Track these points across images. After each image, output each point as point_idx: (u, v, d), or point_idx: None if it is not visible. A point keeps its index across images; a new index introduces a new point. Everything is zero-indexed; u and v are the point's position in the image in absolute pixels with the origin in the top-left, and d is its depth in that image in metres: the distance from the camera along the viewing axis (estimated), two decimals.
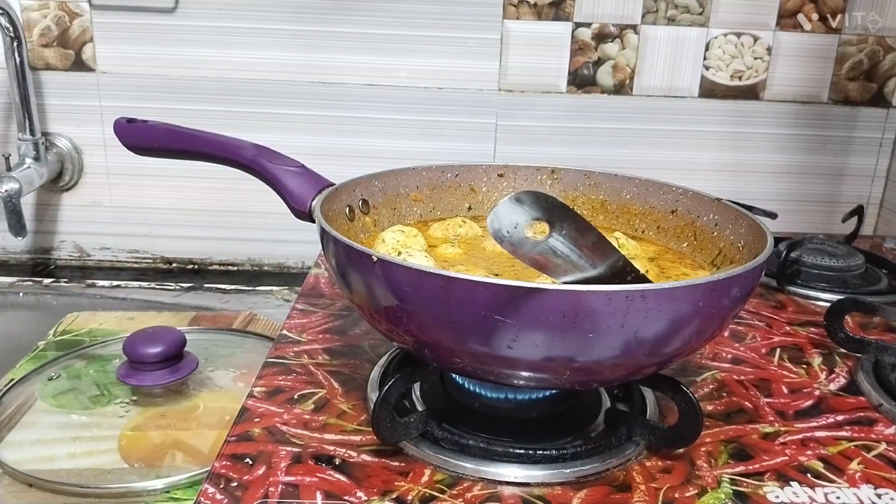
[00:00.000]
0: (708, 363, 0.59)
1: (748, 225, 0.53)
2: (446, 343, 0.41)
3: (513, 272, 0.52)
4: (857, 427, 0.51)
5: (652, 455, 0.46)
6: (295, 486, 0.42)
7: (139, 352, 0.68)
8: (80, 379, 0.70)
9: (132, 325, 0.80)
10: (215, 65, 0.93)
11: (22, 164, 0.91)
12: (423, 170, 0.64)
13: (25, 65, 0.88)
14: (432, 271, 0.39)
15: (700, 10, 0.93)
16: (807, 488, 0.44)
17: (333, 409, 0.51)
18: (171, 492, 0.56)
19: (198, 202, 0.98)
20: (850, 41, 0.95)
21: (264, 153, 0.56)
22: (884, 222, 1.02)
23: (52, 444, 0.61)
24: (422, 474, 0.44)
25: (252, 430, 0.48)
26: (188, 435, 0.62)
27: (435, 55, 0.93)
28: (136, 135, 0.61)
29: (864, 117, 0.98)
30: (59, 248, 1.01)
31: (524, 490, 0.43)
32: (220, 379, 0.71)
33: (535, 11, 0.92)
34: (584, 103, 0.96)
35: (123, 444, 0.61)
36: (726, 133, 0.98)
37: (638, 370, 0.44)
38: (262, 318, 0.84)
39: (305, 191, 0.54)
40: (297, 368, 0.56)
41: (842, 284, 0.76)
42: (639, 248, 0.58)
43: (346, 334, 0.62)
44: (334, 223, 0.52)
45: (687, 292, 0.39)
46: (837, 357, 0.61)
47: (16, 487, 0.56)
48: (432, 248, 0.57)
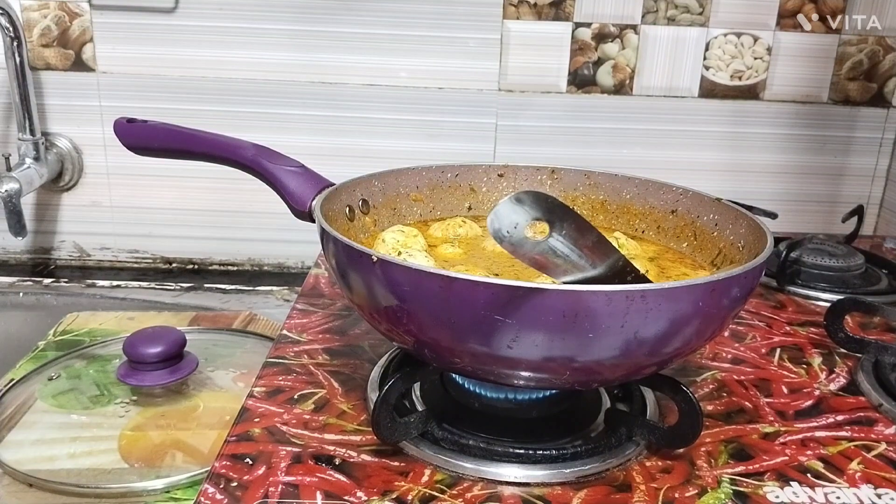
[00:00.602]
0: (708, 363, 0.59)
1: (748, 225, 0.53)
2: (446, 343, 0.41)
3: (513, 272, 0.52)
4: (857, 427, 0.51)
5: (652, 455, 0.46)
6: (295, 486, 0.42)
7: (139, 352, 0.68)
8: (80, 379, 0.70)
9: (132, 325, 0.80)
10: (215, 65, 0.93)
11: (22, 164, 0.91)
12: (423, 170, 0.64)
13: (25, 65, 0.88)
14: (432, 271, 0.39)
15: (700, 10, 0.93)
16: (807, 488, 0.44)
17: (333, 409, 0.51)
18: (171, 492, 0.56)
19: (198, 202, 0.99)
20: (850, 41, 0.95)
21: (264, 153, 0.56)
22: (884, 222, 1.02)
23: (52, 444, 0.61)
24: (422, 474, 0.44)
25: (252, 430, 0.48)
26: (188, 435, 0.62)
27: (435, 55, 0.93)
28: (136, 135, 0.61)
29: (864, 117, 0.98)
30: (59, 248, 1.01)
31: (524, 490, 0.43)
32: (220, 379, 0.71)
33: (535, 11, 0.92)
34: (584, 103, 0.96)
35: (123, 444, 0.61)
36: (726, 133, 0.98)
37: (638, 370, 0.44)
38: (262, 318, 0.84)
39: (305, 191, 0.54)
40: (297, 368, 0.56)
41: (842, 284, 0.76)
42: (639, 248, 0.58)
43: (346, 334, 0.62)
44: (334, 223, 0.52)
45: (687, 292, 0.39)
46: (837, 357, 0.61)
47: (16, 487, 0.56)
48: (432, 248, 0.57)
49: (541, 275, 0.39)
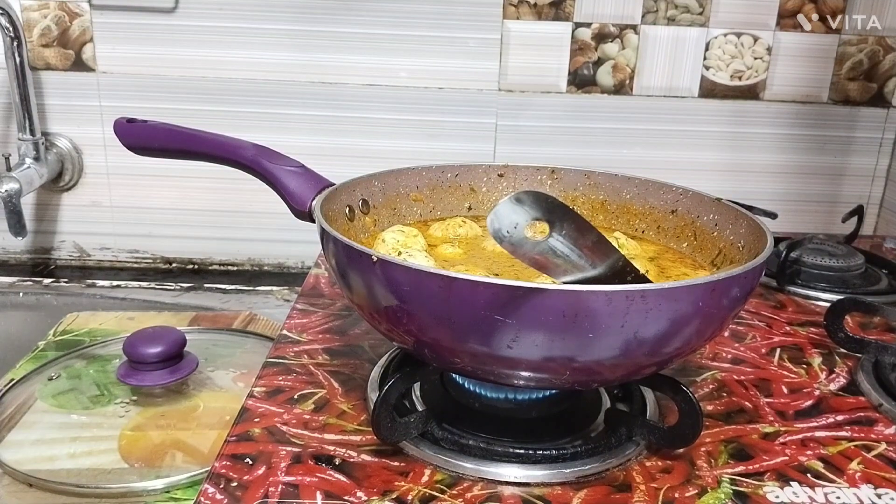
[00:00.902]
0: (708, 363, 0.59)
1: (748, 225, 0.53)
2: (446, 343, 0.41)
3: (513, 272, 0.52)
4: (857, 427, 0.51)
5: (652, 455, 0.46)
6: (295, 486, 0.42)
7: (139, 352, 0.68)
8: (80, 379, 0.70)
9: (132, 325, 0.80)
10: (215, 65, 0.93)
11: (22, 164, 0.91)
12: (423, 170, 0.64)
13: (25, 65, 0.88)
14: (432, 271, 0.39)
15: (700, 10, 0.93)
16: (807, 488, 0.44)
17: (333, 409, 0.51)
18: (171, 492, 0.56)
19: (198, 202, 0.99)
20: (850, 41, 0.95)
21: (264, 153, 0.56)
22: (884, 222, 1.02)
23: (52, 444, 0.61)
24: (422, 474, 0.44)
25: (252, 430, 0.48)
26: (188, 435, 0.62)
27: (435, 55, 0.93)
28: (136, 135, 0.61)
29: (864, 117, 0.98)
30: (59, 248, 1.01)
31: (524, 490, 0.43)
32: (220, 379, 0.71)
33: (535, 11, 0.92)
34: (584, 103, 0.96)
35: (123, 444, 0.61)
36: (726, 133, 0.98)
37: (638, 370, 0.44)
38: (262, 318, 0.84)
39: (305, 191, 0.54)
40: (297, 368, 0.56)
41: (842, 284, 0.76)
42: (639, 247, 0.58)
43: (346, 334, 0.62)
44: (334, 223, 0.52)
45: (687, 292, 0.39)
46: (837, 357, 0.61)
47: (16, 487, 0.56)
48: (432, 247, 0.57)
49: (541, 275, 0.39)
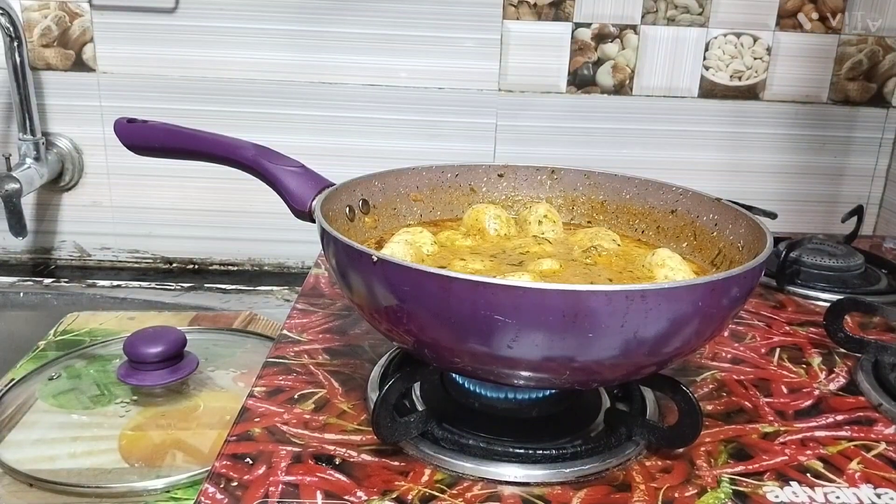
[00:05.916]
0: (708, 363, 0.59)
1: (748, 225, 0.53)
2: (446, 343, 0.41)
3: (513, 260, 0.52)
4: (856, 427, 0.51)
5: (652, 455, 0.46)
6: (295, 486, 0.43)
7: (139, 352, 0.68)
8: (80, 379, 0.70)
9: (132, 325, 0.81)
10: (215, 65, 0.93)
11: (22, 164, 0.91)
12: (423, 170, 0.64)
13: (26, 65, 0.88)
14: (432, 271, 0.39)
15: (700, 10, 0.93)
16: (806, 488, 0.44)
17: (333, 408, 0.51)
18: (171, 491, 0.56)
19: (198, 202, 0.99)
20: (849, 41, 0.95)
21: (264, 153, 0.56)
22: (883, 222, 1.02)
23: (53, 444, 0.61)
24: (422, 474, 0.44)
25: (252, 429, 0.48)
26: (188, 435, 0.62)
27: (435, 55, 0.93)
28: (137, 135, 0.61)
29: (864, 117, 0.98)
30: (60, 248, 1.01)
31: (524, 490, 0.43)
32: (220, 379, 0.71)
33: (534, 12, 0.92)
34: (583, 103, 0.96)
35: (124, 444, 0.61)
36: (726, 133, 0.98)
37: (638, 370, 0.44)
38: (262, 318, 0.84)
39: (305, 191, 0.54)
40: (298, 368, 0.56)
41: (841, 284, 0.76)
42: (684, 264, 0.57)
43: (346, 334, 0.62)
44: (334, 223, 0.52)
45: (687, 292, 0.39)
46: (837, 357, 0.61)
47: (16, 487, 0.56)
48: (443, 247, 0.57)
49: (541, 274, 0.39)
